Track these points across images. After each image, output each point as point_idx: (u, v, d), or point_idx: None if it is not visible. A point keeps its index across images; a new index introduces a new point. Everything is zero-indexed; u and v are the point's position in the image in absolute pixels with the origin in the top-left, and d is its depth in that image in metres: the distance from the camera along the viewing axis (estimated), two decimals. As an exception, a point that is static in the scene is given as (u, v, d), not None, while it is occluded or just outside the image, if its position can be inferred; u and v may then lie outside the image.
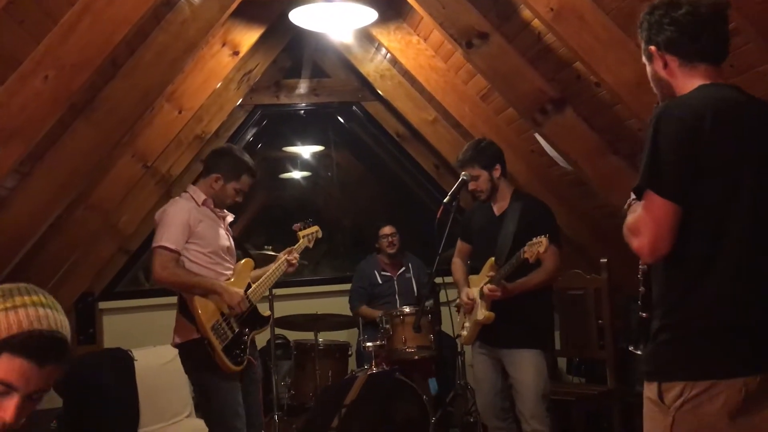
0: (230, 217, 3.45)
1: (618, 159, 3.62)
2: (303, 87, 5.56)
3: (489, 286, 3.32)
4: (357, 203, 6.64)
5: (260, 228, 6.18)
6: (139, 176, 4.18)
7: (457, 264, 3.75)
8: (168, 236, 3.11)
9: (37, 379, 1.30)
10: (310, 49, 5.30)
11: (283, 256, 3.51)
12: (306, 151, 6.18)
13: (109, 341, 5.04)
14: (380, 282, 5.10)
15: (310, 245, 3.72)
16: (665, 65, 1.85)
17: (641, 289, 1.95)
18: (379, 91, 5.15)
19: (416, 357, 4.18)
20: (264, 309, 3.53)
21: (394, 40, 4.33)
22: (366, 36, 4.70)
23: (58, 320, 1.34)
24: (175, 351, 3.24)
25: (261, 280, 3.40)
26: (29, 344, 1.28)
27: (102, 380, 3.92)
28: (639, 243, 1.76)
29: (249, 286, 3.35)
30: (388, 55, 4.72)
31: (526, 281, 3.34)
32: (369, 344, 4.07)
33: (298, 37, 4.91)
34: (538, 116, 3.62)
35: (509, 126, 4.34)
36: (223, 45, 4.04)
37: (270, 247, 4.02)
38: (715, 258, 1.73)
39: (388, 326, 4.23)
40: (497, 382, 3.49)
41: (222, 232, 3.33)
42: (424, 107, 4.97)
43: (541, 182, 4.39)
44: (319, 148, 6.20)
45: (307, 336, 4.49)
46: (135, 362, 4.09)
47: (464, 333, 3.60)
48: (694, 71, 1.81)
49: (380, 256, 5.20)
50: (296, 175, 6.30)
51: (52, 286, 4.11)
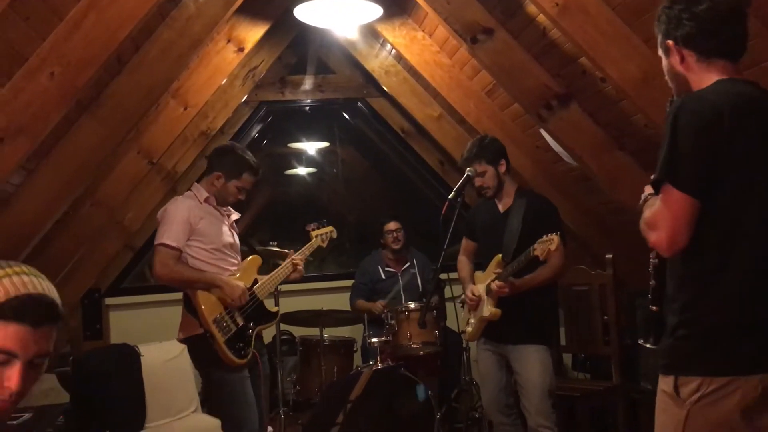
0: (235, 215, 3.45)
1: (623, 155, 3.62)
2: (308, 83, 5.56)
3: (497, 282, 3.32)
4: (362, 199, 6.65)
5: (265, 224, 6.18)
6: (144, 173, 4.20)
7: (463, 262, 3.75)
8: (168, 234, 3.13)
9: (34, 343, 1.30)
10: (315, 45, 5.30)
11: (293, 256, 3.51)
12: (311, 147, 6.18)
13: (116, 337, 5.07)
14: (383, 278, 5.11)
15: (324, 245, 3.73)
16: (682, 60, 1.84)
17: (652, 282, 1.95)
18: (384, 87, 5.15)
19: (421, 353, 4.19)
20: (272, 305, 3.54)
21: (399, 36, 4.32)
22: (371, 32, 4.70)
23: (44, 285, 1.35)
24: (181, 346, 3.25)
25: (268, 276, 3.41)
26: (19, 308, 1.29)
27: (109, 376, 3.93)
28: (657, 237, 1.75)
29: (256, 282, 3.36)
30: (393, 51, 4.71)
31: (532, 277, 3.34)
32: (374, 340, 4.08)
33: (303, 34, 4.91)
34: (543, 112, 3.62)
35: (514, 122, 4.34)
36: (228, 41, 4.04)
37: (275, 243, 4.01)
38: (733, 253, 1.72)
39: (393, 322, 4.23)
40: (502, 378, 3.49)
41: (225, 228, 3.33)
42: (429, 103, 4.97)
43: (546, 178, 4.38)
44: (324, 144, 6.19)
45: (313, 332, 4.50)
46: (141, 358, 4.10)
47: (469, 329, 3.60)
48: (711, 67, 1.80)
49: (385, 251, 5.20)
50: (301, 171, 6.29)
51: (58, 282, 4.12)
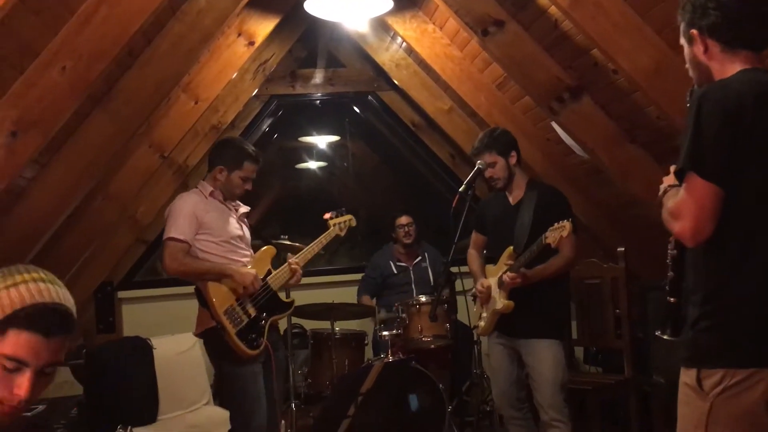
0: (244, 209, 3.46)
1: (635, 147, 3.59)
2: (318, 77, 5.56)
3: (509, 274, 3.30)
4: (373, 193, 6.64)
5: (276, 218, 6.19)
6: (156, 166, 4.21)
7: (473, 255, 3.74)
8: (176, 227, 3.15)
9: (45, 352, 1.30)
10: (326, 38, 5.29)
11: (291, 260, 3.48)
12: (322, 141, 6.18)
13: (128, 330, 5.10)
14: (395, 272, 5.11)
15: (342, 234, 3.72)
16: (706, 49, 1.82)
17: (670, 274, 1.93)
18: (395, 81, 5.14)
19: (432, 346, 4.19)
20: (285, 296, 3.54)
21: (409, 29, 4.31)
22: (381, 25, 4.68)
23: (60, 293, 1.35)
24: (194, 339, 3.27)
25: (282, 267, 3.41)
26: (33, 317, 1.28)
27: (121, 368, 3.95)
28: (681, 226, 1.73)
29: (269, 272, 3.36)
30: (404, 44, 4.70)
31: (544, 268, 3.33)
32: (385, 333, 4.08)
33: (313, 27, 4.91)
34: (554, 104, 3.60)
35: (525, 114, 4.32)
36: (239, 35, 4.04)
37: (286, 237, 4.01)
38: (756, 244, 1.71)
39: (404, 315, 4.23)
40: (513, 371, 3.48)
41: (233, 221, 3.34)
42: (440, 96, 4.95)
43: (557, 171, 4.36)
44: (334, 138, 6.19)
45: (324, 325, 4.50)
46: (153, 350, 4.12)
47: (482, 323, 3.58)
48: (734, 57, 1.79)
49: (396, 246, 5.20)
50: (312, 165, 6.30)
51: (71, 276, 4.15)
